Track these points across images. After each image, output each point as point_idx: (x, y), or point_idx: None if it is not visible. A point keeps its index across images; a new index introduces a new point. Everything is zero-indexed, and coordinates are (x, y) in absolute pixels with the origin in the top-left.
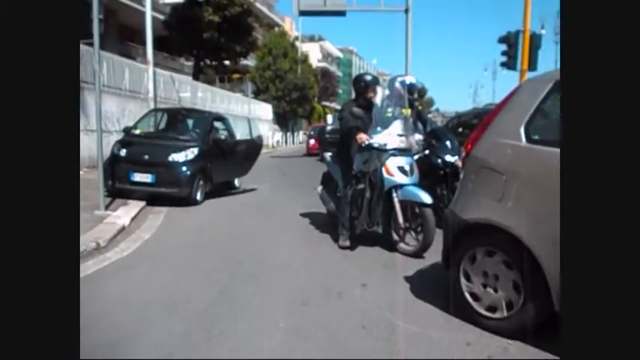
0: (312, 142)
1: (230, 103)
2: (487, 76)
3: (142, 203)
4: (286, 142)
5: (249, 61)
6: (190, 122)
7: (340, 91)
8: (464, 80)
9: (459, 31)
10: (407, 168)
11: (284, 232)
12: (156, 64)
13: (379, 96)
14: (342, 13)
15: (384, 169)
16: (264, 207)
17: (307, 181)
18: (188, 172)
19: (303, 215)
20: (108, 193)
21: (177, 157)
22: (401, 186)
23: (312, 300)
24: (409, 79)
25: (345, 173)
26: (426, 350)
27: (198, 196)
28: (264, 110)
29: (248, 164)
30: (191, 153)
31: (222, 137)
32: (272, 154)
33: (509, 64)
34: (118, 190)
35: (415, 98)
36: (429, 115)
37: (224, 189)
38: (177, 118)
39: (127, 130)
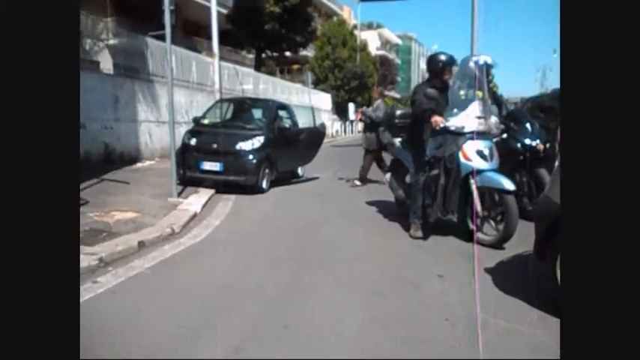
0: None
1: (291, 93)
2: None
3: (211, 191)
4: (345, 131)
5: (309, 52)
6: (255, 111)
7: (399, 79)
8: (530, 63)
9: (524, 10)
10: (486, 152)
11: (351, 221)
12: (220, 58)
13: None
14: None
15: (460, 154)
16: (329, 195)
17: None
18: (254, 161)
19: (370, 204)
20: (180, 181)
21: (244, 145)
22: (479, 171)
23: (387, 290)
24: (484, 59)
25: (417, 159)
26: (517, 348)
27: (264, 184)
28: (323, 100)
29: (311, 152)
30: (257, 141)
31: (287, 126)
32: (332, 143)
33: None
34: (188, 178)
35: (490, 79)
36: None
37: (288, 177)
38: (242, 107)
39: (196, 121)
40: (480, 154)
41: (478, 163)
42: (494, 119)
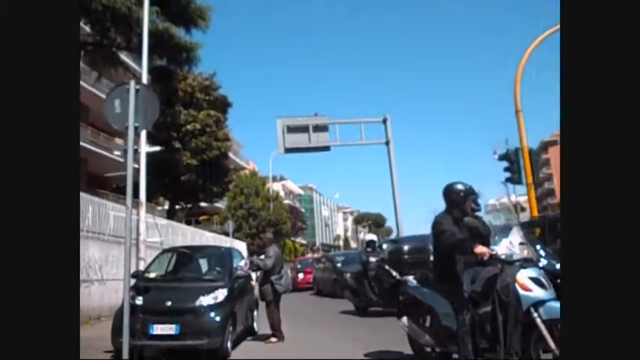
0: (300, 275)
1: (208, 241)
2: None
3: None
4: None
5: (218, 203)
6: (206, 260)
7: (305, 226)
8: (423, 206)
9: (416, 158)
10: (542, 280)
11: None
12: (117, 210)
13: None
14: (326, 149)
15: (517, 284)
16: (311, 354)
17: (324, 316)
18: (219, 318)
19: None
20: (117, 353)
21: (205, 300)
22: (542, 302)
23: None
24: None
25: (454, 296)
26: None
27: (229, 347)
28: (239, 248)
29: (257, 303)
30: (221, 294)
31: (243, 273)
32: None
33: (515, 179)
34: (132, 347)
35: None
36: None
37: (243, 335)
38: (191, 257)
39: (137, 275)
40: (537, 281)
41: (538, 293)
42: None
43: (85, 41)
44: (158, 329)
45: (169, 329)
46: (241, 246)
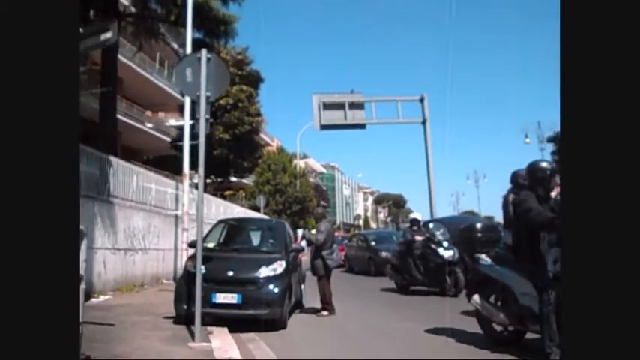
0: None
1: (239, 215)
2: (470, 184)
3: (225, 329)
4: None
5: (246, 179)
6: (260, 233)
7: (328, 205)
8: (445, 189)
9: (440, 140)
10: None
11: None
12: (158, 182)
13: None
14: (362, 126)
15: None
16: (368, 327)
17: (366, 293)
18: (278, 290)
19: (431, 333)
20: (179, 318)
21: (266, 272)
22: None
23: None
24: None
25: (537, 275)
26: None
27: (287, 318)
28: None
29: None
30: (279, 267)
31: (297, 247)
32: None
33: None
34: (193, 314)
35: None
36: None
37: (293, 308)
38: (249, 229)
39: (194, 244)
40: None
41: None
42: None
43: (125, 12)
44: (220, 298)
45: (231, 298)
46: None
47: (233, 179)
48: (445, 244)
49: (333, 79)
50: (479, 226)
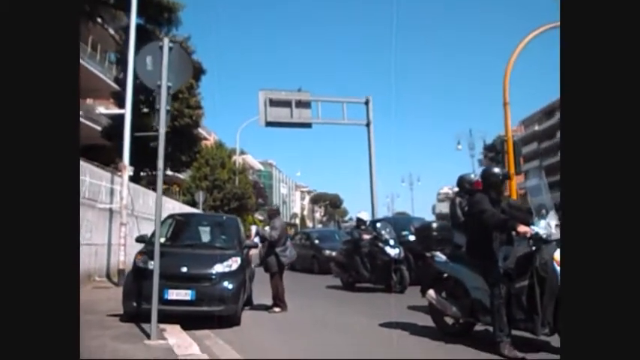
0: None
1: (175, 210)
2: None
3: (177, 326)
4: None
5: (182, 173)
6: (216, 228)
7: (265, 202)
8: (381, 190)
9: (379, 143)
10: None
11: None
12: (92, 173)
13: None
14: (308, 125)
15: (554, 262)
16: (322, 323)
17: (314, 291)
18: (233, 286)
19: (385, 327)
20: (127, 316)
21: (221, 268)
22: None
23: None
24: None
25: (489, 271)
26: None
27: (241, 314)
28: None
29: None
30: (235, 263)
31: (250, 243)
32: None
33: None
34: (145, 311)
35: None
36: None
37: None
38: (200, 224)
39: (143, 240)
40: None
41: None
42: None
43: None
44: (173, 294)
45: (185, 295)
46: None
47: (169, 173)
48: (392, 242)
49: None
50: (435, 225)
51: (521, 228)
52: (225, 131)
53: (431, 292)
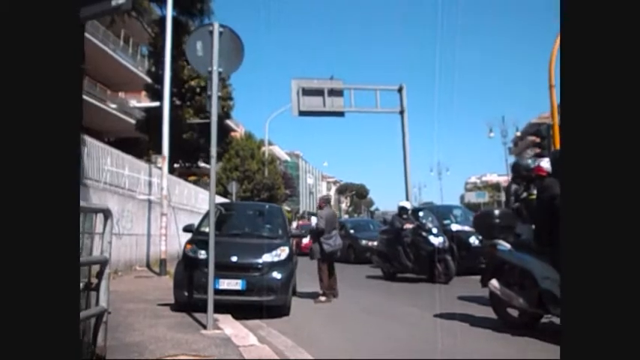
0: (305, 240)
1: (205, 202)
2: (433, 176)
3: (229, 316)
4: None
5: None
6: (261, 217)
7: (293, 193)
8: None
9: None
10: None
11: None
12: (132, 164)
13: None
14: (340, 114)
15: None
16: (373, 312)
17: (356, 281)
18: (283, 276)
19: (441, 318)
20: (178, 305)
21: (270, 257)
22: None
23: None
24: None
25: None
26: None
27: (290, 304)
28: None
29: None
30: (283, 253)
31: (297, 232)
32: None
33: (546, 155)
34: (195, 301)
35: None
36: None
37: None
38: (245, 213)
39: (191, 229)
40: None
41: None
42: None
43: None
44: (224, 284)
45: (235, 284)
46: None
47: (201, 165)
48: (435, 231)
49: (309, 66)
50: (497, 212)
51: None
52: (252, 123)
53: (494, 282)
